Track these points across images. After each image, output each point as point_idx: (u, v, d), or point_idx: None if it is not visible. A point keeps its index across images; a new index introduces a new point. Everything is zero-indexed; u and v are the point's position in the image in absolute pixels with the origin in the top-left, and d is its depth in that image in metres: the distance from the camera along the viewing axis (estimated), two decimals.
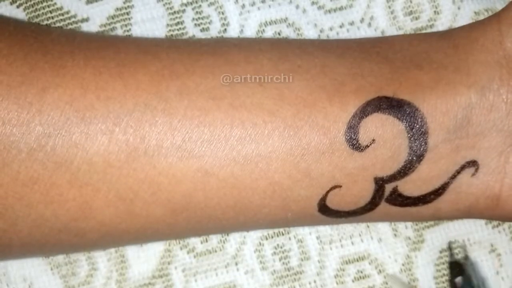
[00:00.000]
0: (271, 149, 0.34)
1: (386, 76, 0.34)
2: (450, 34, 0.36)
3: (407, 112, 0.34)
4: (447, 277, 0.41)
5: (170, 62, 0.34)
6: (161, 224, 0.35)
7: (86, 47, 0.35)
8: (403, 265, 0.41)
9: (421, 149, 0.34)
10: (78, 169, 0.33)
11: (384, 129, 0.34)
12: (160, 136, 0.33)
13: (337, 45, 0.37)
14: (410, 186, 0.35)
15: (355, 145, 0.34)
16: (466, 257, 0.40)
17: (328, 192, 0.34)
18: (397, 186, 0.35)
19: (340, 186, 0.34)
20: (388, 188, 0.35)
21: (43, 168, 0.33)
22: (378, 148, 0.34)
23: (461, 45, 0.35)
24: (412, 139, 0.34)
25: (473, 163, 0.34)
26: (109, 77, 0.34)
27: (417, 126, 0.34)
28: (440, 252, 0.41)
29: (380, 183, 0.34)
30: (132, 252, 0.41)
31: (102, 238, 0.35)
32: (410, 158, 0.34)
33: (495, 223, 0.41)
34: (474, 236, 0.41)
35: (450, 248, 0.34)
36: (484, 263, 0.41)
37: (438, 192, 0.35)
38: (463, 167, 0.34)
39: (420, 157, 0.34)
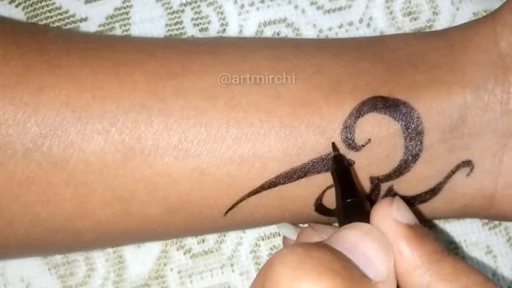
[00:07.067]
0: (268, 148, 0.34)
1: (382, 75, 0.34)
2: (446, 33, 0.36)
3: (403, 111, 0.34)
4: None
5: (167, 61, 0.34)
6: (157, 224, 0.35)
7: (83, 47, 0.35)
8: None
9: (417, 149, 0.34)
10: (75, 169, 0.33)
11: (380, 129, 0.34)
12: (156, 136, 0.33)
13: (333, 45, 0.36)
14: (405, 186, 0.35)
15: (351, 145, 0.34)
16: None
17: (324, 191, 0.34)
18: (392, 186, 0.35)
19: None
20: (384, 187, 0.35)
21: (39, 168, 0.33)
22: (374, 147, 0.34)
23: (456, 45, 0.35)
24: (407, 138, 0.34)
25: (468, 163, 0.34)
26: (105, 76, 0.34)
27: (413, 125, 0.34)
28: None
29: (376, 182, 0.34)
30: (130, 253, 0.41)
31: (98, 238, 0.35)
32: (405, 157, 0.34)
33: (491, 224, 0.41)
34: (471, 238, 0.41)
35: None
36: (480, 265, 0.41)
37: (433, 192, 0.35)
38: (458, 167, 0.34)
39: (415, 157, 0.34)
